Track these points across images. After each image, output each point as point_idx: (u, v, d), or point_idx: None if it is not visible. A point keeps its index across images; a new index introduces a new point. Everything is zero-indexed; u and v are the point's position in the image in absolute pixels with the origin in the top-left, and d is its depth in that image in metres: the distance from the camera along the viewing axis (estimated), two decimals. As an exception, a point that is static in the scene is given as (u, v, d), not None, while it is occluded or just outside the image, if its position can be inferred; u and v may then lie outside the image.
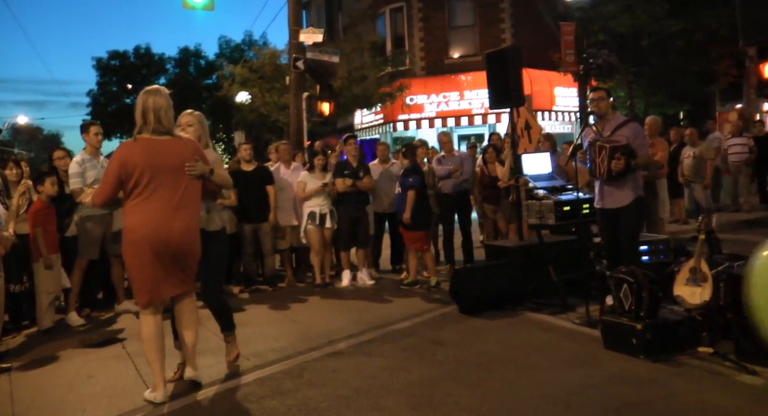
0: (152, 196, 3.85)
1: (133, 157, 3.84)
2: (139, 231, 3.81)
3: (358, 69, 16.23)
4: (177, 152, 3.96)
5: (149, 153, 3.86)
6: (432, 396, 3.91)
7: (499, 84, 7.00)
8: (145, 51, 36.01)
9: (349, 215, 7.72)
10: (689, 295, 4.39)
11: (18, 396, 4.40)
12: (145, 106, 3.93)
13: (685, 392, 3.74)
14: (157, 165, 3.86)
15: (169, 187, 3.89)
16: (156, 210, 3.84)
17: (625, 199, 5.40)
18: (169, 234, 3.85)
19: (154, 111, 3.91)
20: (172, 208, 3.89)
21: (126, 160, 3.84)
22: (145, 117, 3.91)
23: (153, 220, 3.82)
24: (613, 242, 5.60)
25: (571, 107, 19.34)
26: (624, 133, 5.41)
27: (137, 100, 3.98)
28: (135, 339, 5.70)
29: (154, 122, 3.91)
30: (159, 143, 3.91)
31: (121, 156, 3.87)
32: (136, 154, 3.85)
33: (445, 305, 6.36)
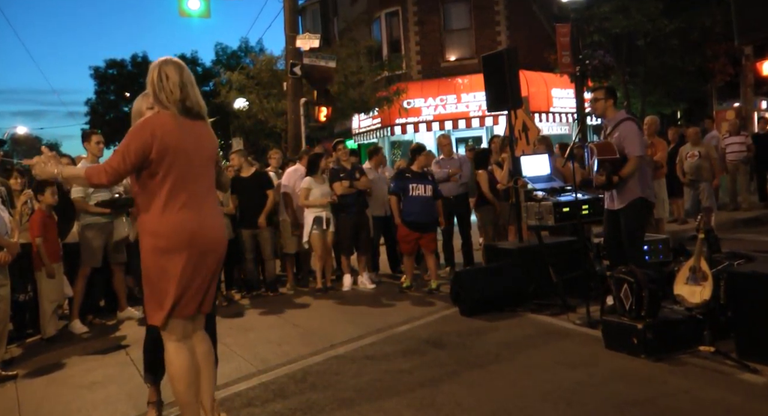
0: (185, 189, 3.12)
1: (170, 136, 3.07)
2: (176, 236, 3.06)
3: (354, 73, 16.26)
4: (208, 140, 3.30)
5: (184, 135, 3.13)
6: (434, 397, 3.92)
7: (496, 86, 7.03)
8: (142, 59, 36.08)
9: (351, 221, 7.73)
10: (689, 294, 4.40)
11: (24, 404, 4.44)
12: (182, 78, 3.18)
13: (686, 390, 3.75)
14: (192, 152, 3.15)
15: (201, 182, 3.23)
16: (191, 208, 3.12)
17: (624, 200, 5.41)
18: (207, 238, 3.17)
19: (191, 86, 3.21)
20: (208, 207, 3.23)
21: (163, 136, 3.04)
22: (184, 91, 3.16)
23: (190, 220, 3.10)
24: (614, 242, 5.61)
25: (568, 108, 19.40)
26: (617, 134, 5.42)
27: (162, 70, 3.19)
28: (138, 346, 5.64)
29: (193, 99, 3.20)
30: (192, 126, 3.19)
31: (156, 128, 3.05)
32: (173, 133, 3.08)
33: (446, 308, 6.37)
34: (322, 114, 12.29)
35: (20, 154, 51.51)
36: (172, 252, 3.05)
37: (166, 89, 3.13)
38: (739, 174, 11.44)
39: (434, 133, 18.51)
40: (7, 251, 4.96)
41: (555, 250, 6.29)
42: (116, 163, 3.01)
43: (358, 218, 7.80)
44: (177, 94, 3.13)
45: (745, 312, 4.14)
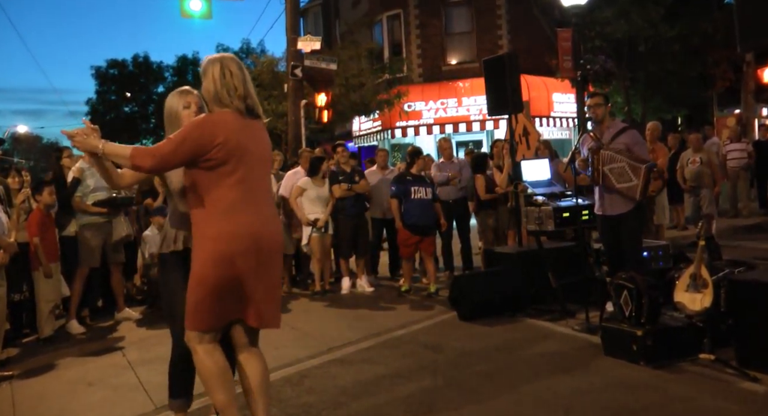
0: (249, 191, 2.98)
1: (234, 136, 2.91)
2: (240, 239, 2.90)
3: (355, 76, 16.25)
4: (266, 140, 3.17)
5: (247, 135, 2.99)
6: (432, 402, 3.89)
7: (497, 90, 7.03)
8: (143, 59, 36.09)
9: (349, 223, 7.71)
10: (690, 302, 4.38)
11: (20, 404, 4.43)
12: (243, 75, 3.04)
13: (685, 398, 3.72)
14: (254, 153, 3.02)
15: (262, 184, 3.12)
16: (255, 211, 2.98)
17: (626, 206, 5.38)
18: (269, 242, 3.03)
19: (250, 84, 3.08)
20: (268, 210, 3.11)
21: (228, 136, 2.89)
22: (246, 88, 3.02)
23: (254, 224, 2.96)
24: (614, 248, 5.59)
25: (569, 113, 19.38)
26: (623, 141, 5.40)
27: (224, 65, 3.02)
28: (135, 348, 5.74)
29: (254, 98, 3.06)
30: (252, 125, 3.05)
31: (220, 128, 2.90)
32: (237, 133, 2.94)
33: (445, 312, 6.34)
34: (324, 115, 12.27)
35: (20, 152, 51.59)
36: (235, 257, 2.89)
37: (229, 86, 2.98)
38: (740, 181, 11.43)
39: (435, 137, 18.49)
40: (5, 251, 4.94)
41: (554, 255, 6.27)
42: (166, 151, 2.85)
43: (357, 221, 7.79)
44: (241, 91, 2.99)
45: (746, 320, 4.12)
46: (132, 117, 35.95)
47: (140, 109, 36.38)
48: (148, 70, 36.24)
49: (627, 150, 5.32)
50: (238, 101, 2.97)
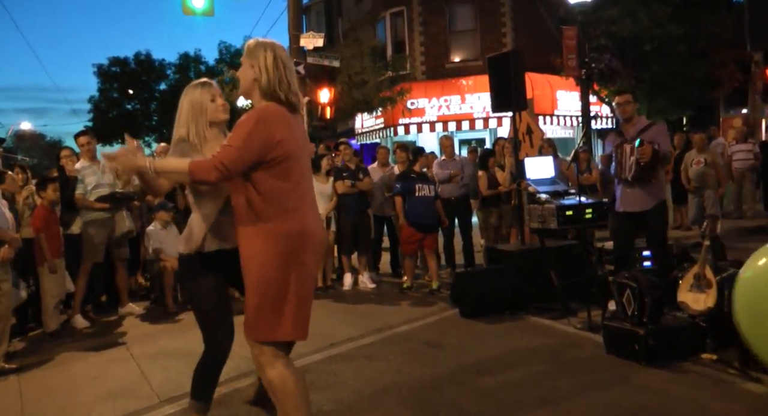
0: (302, 188, 2.85)
1: (289, 132, 2.76)
2: (298, 239, 2.75)
3: (358, 73, 16.22)
4: (308, 139, 3.06)
5: (297, 130, 2.86)
6: (433, 399, 3.89)
7: (501, 88, 7.00)
8: (145, 57, 36.09)
9: (351, 220, 7.71)
10: (693, 301, 4.37)
11: (26, 397, 4.47)
12: (285, 63, 2.82)
13: (687, 399, 3.71)
14: (303, 149, 2.90)
15: (310, 180, 2.99)
16: (308, 208, 2.87)
17: (650, 202, 5.39)
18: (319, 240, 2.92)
19: (294, 75, 2.87)
20: (315, 207, 2.98)
21: (284, 132, 2.72)
22: (290, 79, 2.81)
23: (309, 222, 2.84)
24: (626, 246, 5.59)
25: (573, 111, 19.35)
26: (648, 136, 5.37)
27: (278, 55, 2.81)
28: (138, 342, 5.78)
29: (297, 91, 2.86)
30: (297, 120, 2.90)
31: (278, 122, 2.74)
32: (290, 128, 2.78)
33: (446, 309, 6.34)
34: (327, 112, 12.26)
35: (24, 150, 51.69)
36: (297, 256, 2.74)
37: (282, 78, 2.76)
38: (745, 182, 11.37)
39: (437, 134, 18.47)
40: (9, 246, 4.96)
41: (557, 254, 6.25)
42: (232, 159, 2.62)
43: (359, 218, 7.78)
44: (294, 86, 2.80)
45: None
46: (134, 114, 35.96)
47: (142, 106, 36.40)
48: (150, 67, 36.24)
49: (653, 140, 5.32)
50: (291, 95, 2.80)
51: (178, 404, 4.04)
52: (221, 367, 3.13)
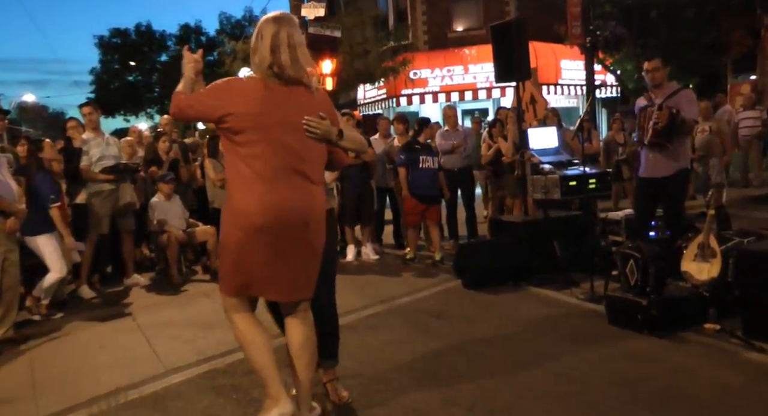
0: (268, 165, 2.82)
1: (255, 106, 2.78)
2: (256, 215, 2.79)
3: (359, 44, 16.05)
4: (308, 108, 2.92)
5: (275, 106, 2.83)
6: (436, 369, 3.92)
7: (504, 57, 6.91)
8: (145, 28, 35.77)
9: (353, 191, 7.69)
10: (697, 271, 4.36)
11: (36, 364, 4.56)
12: (277, 40, 2.83)
13: (689, 368, 3.72)
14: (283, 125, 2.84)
15: (291, 155, 2.86)
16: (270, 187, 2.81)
17: (671, 169, 5.34)
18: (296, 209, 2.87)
19: (290, 47, 2.84)
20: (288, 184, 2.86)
21: (245, 107, 2.77)
22: (277, 56, 2.81)
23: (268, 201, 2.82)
24: (645, 211, 5.57)
25: (577, 80, 19.14)
26: (674, 102, 5.28)
27: (259, 28, 2.89)
28: (144, 312, 5.86)
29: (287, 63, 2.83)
30: (289, 93, 2.86)
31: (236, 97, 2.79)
32: (260, 104, 2.79)
33: (449, 280, 6.35)
34: (328, 82, 12.15)
35: (27, 122, 51.56)
36: (244, 238, 2.80)
37: (258, 52, 2.85)
38: (752, 149, 11.24)
39: (440, 105, 18.32)
40: (15, 217, 4.99)
41: (560, 225, 6.24)
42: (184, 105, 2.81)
43: (362, 189, 7.76)
44: (268, 60, 2.82)
45: (754, 290, 4.09)
46: (136, 86, 35.78)
47: (144, 77, 36.19)
48: (150, 38, 35.92)
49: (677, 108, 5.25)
50: (286, 70, 2.81)
51: (183, 373, 4.10)
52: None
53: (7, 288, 5.02)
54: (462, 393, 3.53)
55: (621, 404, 3.30)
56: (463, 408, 3.33)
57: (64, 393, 3.92)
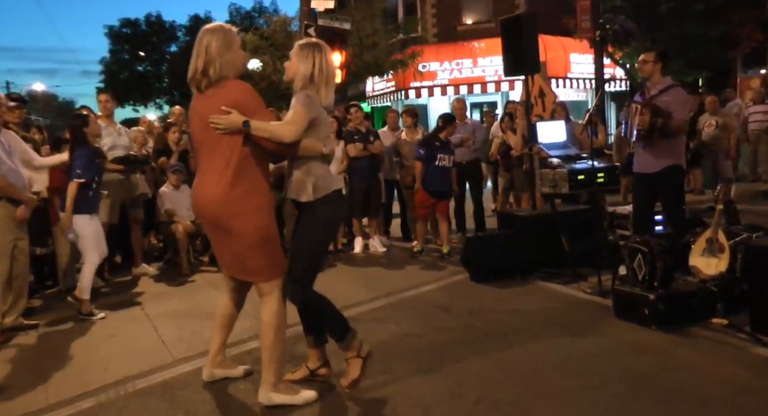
0: (198, 164, 3.42)
1: (191, 115, 3.39)
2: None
3: (369, 36, 16.02)
4: (214, 110, 3.20)
5: (196, 112, 3.32)
6: (442, 362, 3.93)
7: (513, 51, 6.88)
8: (155, 19, 35.91)
9: (362, 183, 7.70)
10: (705, 266, 4.35)
11: (44, 352, 4.60)
12: (198, 49, 3.26)
13: (696, 363, 3.72)
14: (200, 128, 3.30)
15: (210, 154, 3.28)
16: (197, 181, 3.39)
17: (660, 165, 5.31)
18: (198, 202, 3.36)
19: (196, 56, 3.27)
20: (207, 177, 3.28)
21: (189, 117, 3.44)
22: (193, 65, 3.27)
23: (195, 195, 3.41)
24: (642, 208, 5.55)
25: (586, 74, 19.06)
26: (665, 98, 5.27)
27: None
28: (152, 302, 5.89)
29: (190, 71, 3.28)
30: (202, 99, 3.29)
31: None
32: (192, 112, 3.37)
33: (457, 273, 6.36)
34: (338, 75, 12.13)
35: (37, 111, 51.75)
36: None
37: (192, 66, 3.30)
38: (761, 144, 11.15)
39: (449, 98, 18.30)
40: (26, 205, 5.03)
41: (568, 218, 6.23)
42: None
43: (370, 182, 7.77)
44: (190, 72, 3.30)
45: (762, 285, 4.07)
46: (145, 76, 35.87)
47: (153, 68, 36.27)
48: (160, 29, 36.05)
49: (665, 107, 5.22)
50: (199, 80, 3.27)
51: (192, 363, 4.13)
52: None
53: (17, 276, 5.06)
54: (468, 385, 3.55)
55: (627, 398, 3.30)
56: (469, 401, 3.35)
57: (73, 381, 3.95)
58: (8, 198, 4.90)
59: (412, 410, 3.27)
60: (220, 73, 3.22)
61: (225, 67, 3.23)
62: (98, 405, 3.55)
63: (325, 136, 3.40)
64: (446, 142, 7.35)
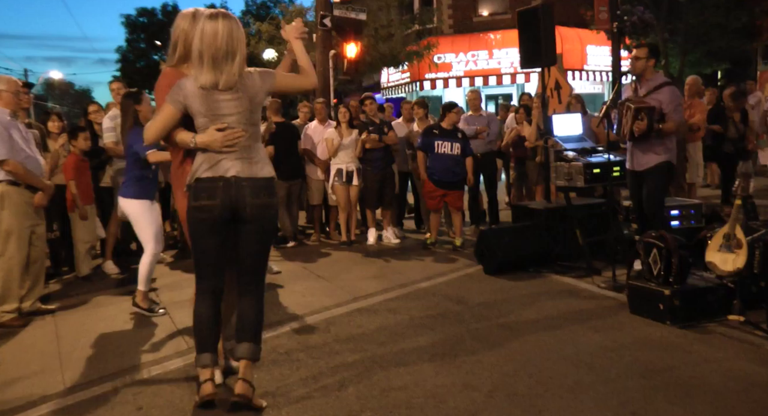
0: None
1: None
2: None
3: (384, 27, 15.95)
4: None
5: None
6: (455, 354, 3.93)
7: (530, 43, 6.83)
8: (172, 8, 36.08)
9: (376, 174, 7.70)
10: (721, 262, 4.30)
11: (62, 336, 4.66)
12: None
13: (712, 359, 3.70)
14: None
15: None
16: None
17: (650, 162, 5.28)
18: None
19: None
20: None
21: None
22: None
23: None
24: (640, 204, 5.50)
25: (603, 66, 18.89)
26: (657, 97, 5.25)
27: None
28: (167, 289, 5.94)
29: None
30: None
31: None
32: None
33: (470, 265, 6.36)
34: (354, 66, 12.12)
35: (54, 98, 52.19)
36: None
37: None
38: (781, 138, 11.00)
39: (464, 89, 18.22)
40: (43, 192, 5.08)
41: (583, 212, 6.19)
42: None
43: (384, 173, 7.77)
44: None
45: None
46: (161, 65, 36.01)
47: (169, 57, 36.44)
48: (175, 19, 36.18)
49: (657, 106, 5.18)
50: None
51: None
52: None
53: (34, 261, 5.13)
54: (481, 378, 3.55)
55: (641, 393, 3.29)
56: (482, 394, 3.35)
57: (90, 366, 4.00)
58: (27, 185, 4.96)
59: (425, 401, 3.28)
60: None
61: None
62: (114, 390, 3.59)
63: (201, 125, 3.13)
64: (450, 130, 7.30)
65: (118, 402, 3.44)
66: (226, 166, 3.12)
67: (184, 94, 3.09)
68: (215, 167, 3.12)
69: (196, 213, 3.16)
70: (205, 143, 3.10)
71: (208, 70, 3.04)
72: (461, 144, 7.25)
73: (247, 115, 3.17)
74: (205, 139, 3.10)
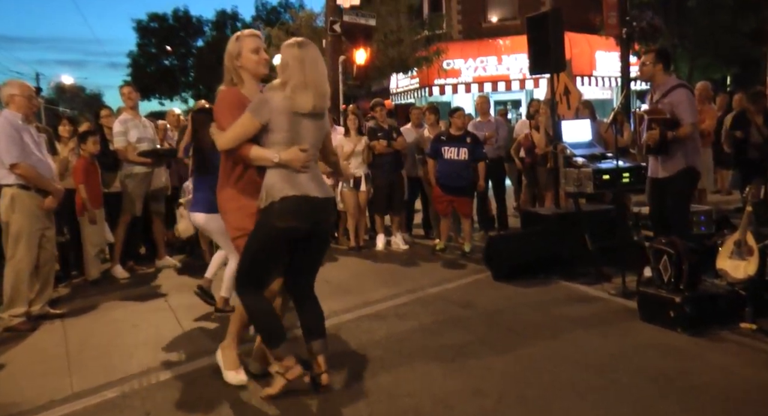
0: None
1: None
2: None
3: (394, 32, 15.99)
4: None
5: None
6: (464, 359, 3.92)
7: (539, 48, 6.83)
8: (183, 13, 36.35)
9: (384, 180, 7.69)
10: (733, 269, 4.27)
11: (70, 340, 4.68)
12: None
13: (723, 367, 3.66)
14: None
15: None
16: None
17: (673, 169, 5.21)
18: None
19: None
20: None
21: None
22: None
23: None
24: (659, 212, 5.46)
25: (612, 72, 18.83)
26: (668, 100, 5.20)
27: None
28: (176, 293, 5.95)
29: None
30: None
31: None
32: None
33: (479, 271, 6.33)
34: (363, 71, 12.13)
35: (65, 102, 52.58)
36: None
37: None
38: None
39: (473, 95, 18.20)
40: (53, 196, 5.11)
41: (592, 218, 6.16)
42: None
43: (393, 178, 7.77)
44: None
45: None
46: (171, 70, 36.31)
47: (180, 62, 36.72)
48: (187, 24, 36.50)
49: (669, 110, 5.14)
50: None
51: (208, 358, 4.11)
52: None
53: (44, 264, 5.16)
54: (490, 384, 3.53)
55: (651, 399, 3.26)
56: (491, 400, 3.33)
57: (98, 370, 4.01)
58: (37, 188, 4.99)
59: (434, 407, 3.27)
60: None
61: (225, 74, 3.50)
62: (122, 394, 3.60)
63: (280, 141, 3.24)
64: (456, 136, 7.28)
65: (126, 406, 3.45)
66: (304, 184, 3.28)
67: (270, 109, 3.20)
68: (296, 186, 3.26)
69: (279, 232, 3.27)
70: (287, 161, 3.23)
71: (313, 96, 3.23)
72: (469, 148, 7.21)
73: (320, 140, 3.43)
74: (289, 157, 3.23)
